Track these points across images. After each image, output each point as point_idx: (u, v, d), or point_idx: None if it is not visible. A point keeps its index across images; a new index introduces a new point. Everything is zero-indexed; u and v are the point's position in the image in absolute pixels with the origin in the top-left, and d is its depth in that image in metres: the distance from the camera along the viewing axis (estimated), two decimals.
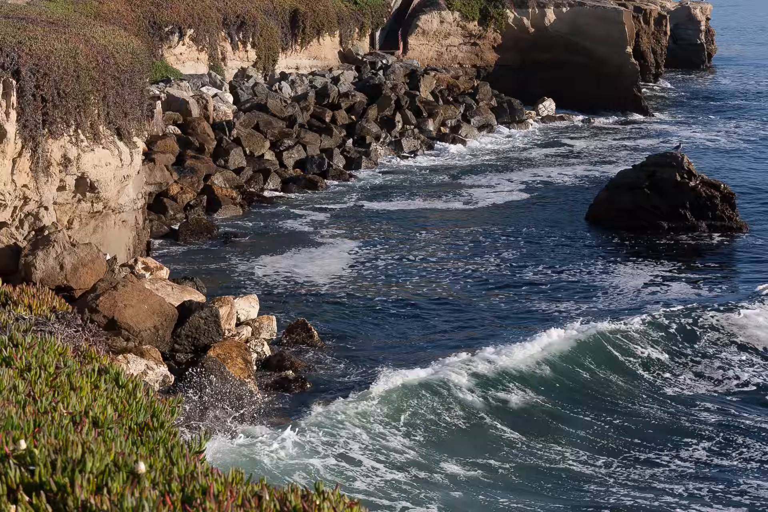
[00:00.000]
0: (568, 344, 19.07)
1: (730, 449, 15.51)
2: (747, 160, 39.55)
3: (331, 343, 19.17)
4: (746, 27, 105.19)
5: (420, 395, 16.69)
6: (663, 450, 15.47)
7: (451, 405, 16.64)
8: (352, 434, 15.14)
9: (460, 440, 15.60)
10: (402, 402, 16.38)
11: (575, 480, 14.35)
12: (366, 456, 14.57)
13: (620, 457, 15.20)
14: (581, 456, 15.15)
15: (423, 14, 50.15)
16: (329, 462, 14.19)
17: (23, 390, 6.07)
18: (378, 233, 28.12)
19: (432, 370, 17.56)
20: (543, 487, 14.15)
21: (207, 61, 39.63)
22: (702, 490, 14.12)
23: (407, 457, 14.70)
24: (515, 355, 18.28)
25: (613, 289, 23.18)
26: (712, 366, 19.01)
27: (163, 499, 4.28)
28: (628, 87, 48.45)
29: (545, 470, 14.66)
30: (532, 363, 18.23)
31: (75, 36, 20.37)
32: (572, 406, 17.13)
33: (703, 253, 26.58)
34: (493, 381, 17.54)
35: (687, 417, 16.60)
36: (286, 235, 27.85)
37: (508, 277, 24.07)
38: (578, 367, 18.59)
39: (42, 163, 18.45)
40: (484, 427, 16.16)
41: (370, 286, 23.28)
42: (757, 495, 14.03)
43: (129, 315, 15.80)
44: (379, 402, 16.17)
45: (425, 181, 34.98)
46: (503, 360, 18.01)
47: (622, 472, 14.67)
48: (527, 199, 33.12)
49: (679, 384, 18.08)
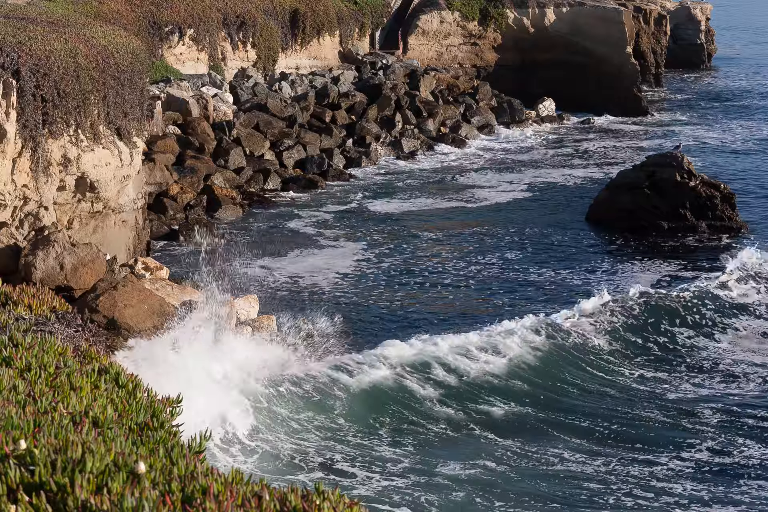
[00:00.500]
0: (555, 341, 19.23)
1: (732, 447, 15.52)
2: (747, 160, 39.54)
3: (331, 343, 19.17)
4: (746, 27, 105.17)
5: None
6: (664, 449, 15.47)
7: (433, 405, 16.67)
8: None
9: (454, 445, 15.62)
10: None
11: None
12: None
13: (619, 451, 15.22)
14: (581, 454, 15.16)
15: (423, 14, 50.15)
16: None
17: (23, 390, 6.07)
18: (379, 233, 28.11)
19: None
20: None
21: (207, 61, 39.63)
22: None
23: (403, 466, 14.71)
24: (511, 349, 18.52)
25: (614, 288, 23.17)
26: (708, 359, 19.03)
27: (163, 499, 4.28)
28: (628, 87, 48.44)
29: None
30: (525, 360, 18.34)
31: (75, 36, 20.37)
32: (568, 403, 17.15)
33: (703, 253, 26.57)
34: (492, 378, 17.57)
35: (688, 418, 16.60)
36: (286, 234, 27.85)
37: (511, 277, 24.07)
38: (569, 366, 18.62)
39: (42, 163, 18.44)
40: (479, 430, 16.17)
41: (371, 286, 23.29)
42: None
43: (129, 315, 15.80)
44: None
45: (425, 181, 34.98)
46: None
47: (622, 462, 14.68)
48: (527, 199, 33.12)
49: (678, 379, 18.07)
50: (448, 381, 17.45)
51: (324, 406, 16.15)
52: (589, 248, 26.96)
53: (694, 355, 19.53)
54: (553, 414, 16.73)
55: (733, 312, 21.65)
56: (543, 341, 19.18)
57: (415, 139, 39.67)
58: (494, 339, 19.10)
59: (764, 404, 17.23)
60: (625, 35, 48.79)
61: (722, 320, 21.17)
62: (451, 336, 18.98)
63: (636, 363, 19.06)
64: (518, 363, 18.24)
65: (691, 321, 20.90)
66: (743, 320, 21.30)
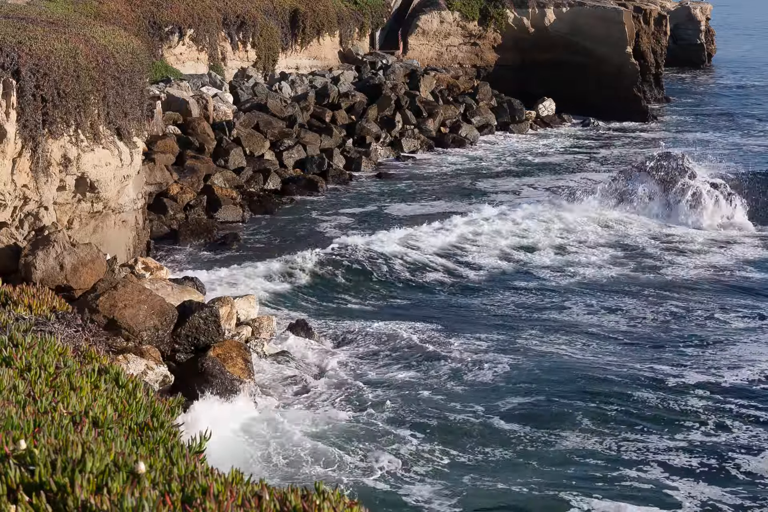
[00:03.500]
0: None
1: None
2: (747, 161, 39.53)
3: (331, 343, 19.18)
4: (746, 27, 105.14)
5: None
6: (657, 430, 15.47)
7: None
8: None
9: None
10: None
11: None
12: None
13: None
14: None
15: (423, 14, 50.16)
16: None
17: (23, 390, 6.07)
18: (380, 233, 28.11)
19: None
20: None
21: (207, 61, 39.64)
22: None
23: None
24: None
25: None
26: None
27: (163, 499, 4.29)
28: (628, 87, 48.46)
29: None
30: None
31: (75, 36, 20.37)
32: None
33: (704, 253, 26.62)
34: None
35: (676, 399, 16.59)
36: (286, 234, 27.86)
37: (515, 277, 24.17)
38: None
39: (42, 163, 18.45)
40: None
41: (372, 286, 23.30)
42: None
43: (129, 315, 15.80)
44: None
45: (425, 181, 34.99)
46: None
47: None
48: (527, 199, 33.18)
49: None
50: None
51: None
52: (589, 248, 26.98)
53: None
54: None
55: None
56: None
57: (415, 139, 39.68)
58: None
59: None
60: (625, 35, 48.80)
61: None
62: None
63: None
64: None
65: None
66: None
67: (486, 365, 17.79)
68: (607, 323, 20.75)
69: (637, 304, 22.03)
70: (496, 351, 18.61)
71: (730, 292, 23.10)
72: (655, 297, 22.59)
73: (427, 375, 17.54)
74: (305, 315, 20.58)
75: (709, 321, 20.95)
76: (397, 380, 17.23)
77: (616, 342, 19.62)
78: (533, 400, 16.40)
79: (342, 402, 16.27)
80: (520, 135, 44.34)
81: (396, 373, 17.56)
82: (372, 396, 16.49)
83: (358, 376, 17.40)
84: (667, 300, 22.30)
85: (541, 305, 21.96)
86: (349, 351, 18.58)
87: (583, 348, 19.11)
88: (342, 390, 16.75)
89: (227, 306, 17.96)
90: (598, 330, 20.31)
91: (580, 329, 20.30)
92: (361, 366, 17.90)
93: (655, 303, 22.14)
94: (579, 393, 16.63)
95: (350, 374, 17.51)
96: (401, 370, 17.73)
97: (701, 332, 20.22)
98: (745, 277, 24.36)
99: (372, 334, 19.56)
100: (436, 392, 16.73)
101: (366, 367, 17.87)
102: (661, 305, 21.99)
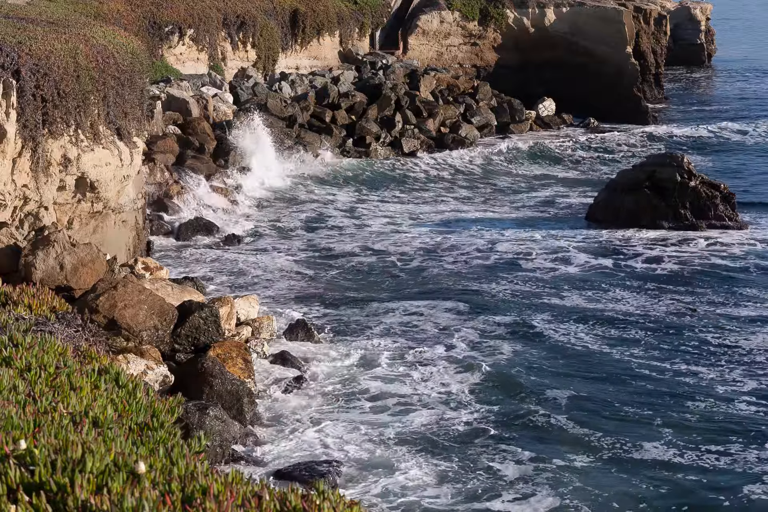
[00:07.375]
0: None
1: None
2: (748, 160, 39.54)
3: (332, 343, 19.19)
4: (746, 27, 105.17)
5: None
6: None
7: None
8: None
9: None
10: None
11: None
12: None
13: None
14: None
15: (423, 14, 50.14)
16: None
17: (23, 390, 6.07)
18: (380, 233, 28.13)
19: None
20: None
21: (207, 61, 39.64)
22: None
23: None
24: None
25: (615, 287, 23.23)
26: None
27: (163, 499, 4.29)
28: (628, 87, 48.44)
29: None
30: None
31: (75, 36, 20.38)
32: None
33: (703, 253, 26.59)
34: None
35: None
36: (286, 234, 27.88)
37: (511, 277, 24.17)
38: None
39: (42, 163, 18.45)
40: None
41: (372, 286, 23.30)
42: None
43: (129, 315, 15.80)
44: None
45: (425, 182, 35.00)
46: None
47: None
48: (527, 199, 33.20)
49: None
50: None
51: None
52: (589, 247, 26.96)
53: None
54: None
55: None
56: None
57: (415, 139, 39.68)
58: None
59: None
60: (625, 35, 48.78)
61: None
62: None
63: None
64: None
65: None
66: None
67: (503, 360, 17.79)
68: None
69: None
70: (506, 339, 18.64)
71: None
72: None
73: (431, 374, 17.54)
74: (305, 315, 20.56)
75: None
76: (402, 379, 17.23)
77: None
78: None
79: (342, 402, 16.26)
80: (518, 135, 44.31)
81: (400, 372, 17.56)
82: (375, 396, 16.49)
83: (359, 375, 17.40)
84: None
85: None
86: (350, 351, 18.57)
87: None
88: (342, 390, 16.74)
89: (227, 306, 17.95)
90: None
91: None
92: (362, 366, 17.90)
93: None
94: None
95: (350, 374, 17.51)
96: (406, 369, 17.73)
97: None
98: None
99: (373, 334, 19.57)
100: (438, 392, 16.73)
101: (367, 366, 17.87)
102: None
